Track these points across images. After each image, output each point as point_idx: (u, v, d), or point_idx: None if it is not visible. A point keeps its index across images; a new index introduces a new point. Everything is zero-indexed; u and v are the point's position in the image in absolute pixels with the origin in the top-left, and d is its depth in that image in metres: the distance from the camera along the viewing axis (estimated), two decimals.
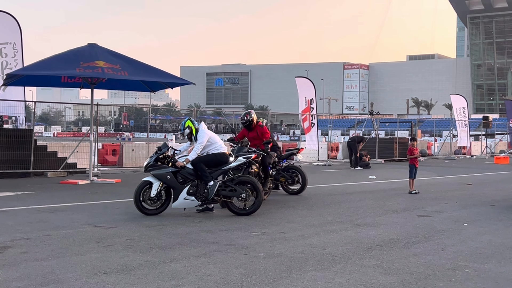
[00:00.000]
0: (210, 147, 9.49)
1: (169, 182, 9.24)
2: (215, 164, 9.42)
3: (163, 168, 9.28)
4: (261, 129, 11.22)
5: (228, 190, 9.42)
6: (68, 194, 12.23)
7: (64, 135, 78.41)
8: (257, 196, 9.41)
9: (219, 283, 5.34)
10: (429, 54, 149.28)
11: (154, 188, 9.23)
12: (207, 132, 9.54)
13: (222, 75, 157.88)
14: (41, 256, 6.30)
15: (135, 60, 14.62)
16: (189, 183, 9.33)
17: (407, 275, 5.73)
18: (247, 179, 9.58)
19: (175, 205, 9.34)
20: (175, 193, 9.29)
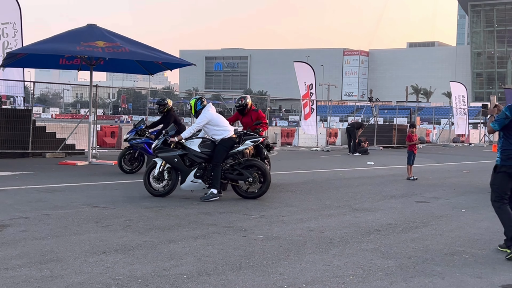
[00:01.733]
0: (214, 131, 9.38)
1: (176, 164, 9.23)
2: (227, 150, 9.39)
3: (171, 151, 9.25)
4: (256, 114, 11.15)
5: (236, 173, 9.40)
6: (66, 174, 12.23)
7: (62, 117, 78.31)
8: (264, 179, 9.41)
9: (217, 264, 5.35)
10: (429, 41, 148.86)
11: (156, 167, 9.29)
12: (208, 114, 9.42)
13: (222, 59, 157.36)
14: (40, 235, 6.31)
15: (135, 40, 14.54)
16: (196, 166, 9.29)
17: (405, 259, 5.75)
18: (255, 163, 9.56)
19: (183, 186, 9.33)
20: (183, 176, 9.28)
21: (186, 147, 9.34)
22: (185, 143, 9.34)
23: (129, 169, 12.59)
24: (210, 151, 9.33)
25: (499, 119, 6.15)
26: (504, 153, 6.12)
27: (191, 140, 9.39)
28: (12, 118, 15.68)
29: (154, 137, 12.23)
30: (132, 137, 12.45)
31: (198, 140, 9.38)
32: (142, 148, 12.45)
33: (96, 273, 4.92)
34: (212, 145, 9.38)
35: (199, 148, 9.32)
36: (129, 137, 12.49)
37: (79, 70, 15.79)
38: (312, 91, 24.37)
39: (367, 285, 4.81)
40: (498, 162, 6.19)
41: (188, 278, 4.87)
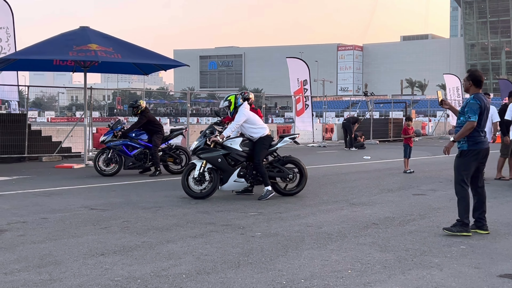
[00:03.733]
0: (251, 129, 9.35)
1: (220, 165, 9.12)
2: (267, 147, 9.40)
3: (214, 151, 9.14)
4: (254, 111, 11.15)
5: (276, 171, 9.45)
6: (63, 178, 12.22)
7: (58, 120, 78.24)
8: (301, 176, 9.51)
9: (216, 262, 5.36)
10: (423, 34, 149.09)
11: (196, 169, 9.14)
12: (246, 112, 9.38)
13: (216, 58, 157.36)
14: (38, 239, 6.31)
15: (128, 43, 14.53)
16: (239, 165, 9.25)
17: (403, 252, 5.78)
18: (292, 159, 9.64)
19: (224, 187, 9.26)
20: (225, 176, 9.17)
21: (227, 147, 9.22)
22: (225, 143, 9.23)
23: (108, 172, 12.46)
24: (249, 150, 9.31)
25: (474, 110, 6.42)
26: (471, 139, 6.49)
27: (232, 140, 9.28)
28: (7, 123, 15.65)
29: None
30: (110, 139, 12.43)
31: (239, 139, 9.31)
32: (120, 150, 12.43)
33: (95, 275, 4.92)
34: (250, 143, 9.35)
35: (241, 147, 9.26)
36: (107, 139, 12.45)
37: (74, 72, 15.77)
38: (306, 87, 24.36)
39: (366, 279, 4.83)
40: (465, 148, 6.52)
41: (187, 278, 4.88)
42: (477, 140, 6.51)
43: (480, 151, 6.54)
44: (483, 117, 6.52)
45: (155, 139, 12.58)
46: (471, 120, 6.41)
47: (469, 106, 6.47)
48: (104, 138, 12.53)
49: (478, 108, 6.42)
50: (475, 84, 6.63)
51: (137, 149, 12.56)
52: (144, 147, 12.61)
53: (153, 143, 12.57)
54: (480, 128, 6.54)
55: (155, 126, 12.84)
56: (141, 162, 12.60)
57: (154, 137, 12.61)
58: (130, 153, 12.47)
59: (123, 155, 12.47)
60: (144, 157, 12.61)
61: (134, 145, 12.54)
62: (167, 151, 12.99)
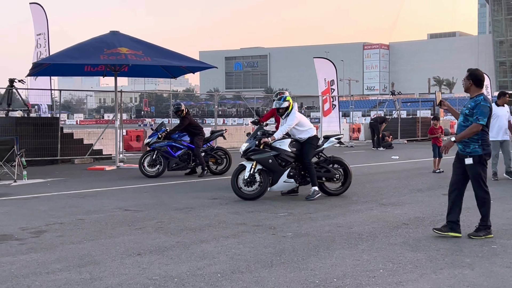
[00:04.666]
0: (300, 131, 9.49)
1: (271, 166, 9.23)
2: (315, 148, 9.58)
3: (265, 153, 9.25)
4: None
5: (323, 171, 9.62)
6: (96, 179, 12.49)
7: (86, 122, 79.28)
8: (346, 176, 9.69)
9: (249, 261, 5.49)
10: (450, 32, 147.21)
11: (246, 170, 9.25)
12: (298, 115, 9.55)
13: (241, 59, 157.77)
14: (76, 239, 6.52)
15: (156, 46, 14.79)
16: (289, 166, 9.38)
17: (434, 251, 5.82)
18: (337, 159, 9.83)
19: (274, 188, 9.39)
20: (275, 177, 9.29)
21: (276, 148, 9.33)
22: (274, 144, 9.34)
23: (152, 173, 12.73)
24: (297, 150, 9.45)
25: (485, 113, 6.26)
26: (484, 142, 6.37)
27: (281, 141, 9.39)
28: (40, 126, 16.04)
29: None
30: (154, 140, 12.72)
31: (288, 140, 9.43)
32: (165, 151, 12.69)
33: (133, 274, 5.09)
34: (298, 144, 9.49)
35: (289, 148, 9.40)
36: (151, 141, 12.77)
37: (104, 76, 16.10)
38: (333, 87, 24.36)
39: (397, 278, 4.90)
40: (479, 152, 6.34)
41: (222, 277, 5.01)
42: (489, 143, 6.45)
43: (489, 154, 6.45)
44: (489, 120, 6.41)
45: (197, 140, 12.87)
46: (480, 123, 6.24)
47: (479, 108, 6.28)
48: (149, 140, 12.84)
49: (489, 111, 6.30)
50: (476, 83, 6.44)
51: (181, 150, 12.85)
52: (187, 148, 12.91)
53: (195, 144, 12.85)
54: (488, 131, 6.46)
55: (196, 128, 13.13)
56: (184, 163, 12.90)
57: (195, 139, 12.90)
58: (174, 154, 12.76)
59: (167, 156, 12.73)
60: (187, 158, 12.91)
61: (178, 146, 12.84)
62: (209, 151, 13.28)
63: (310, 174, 9.36)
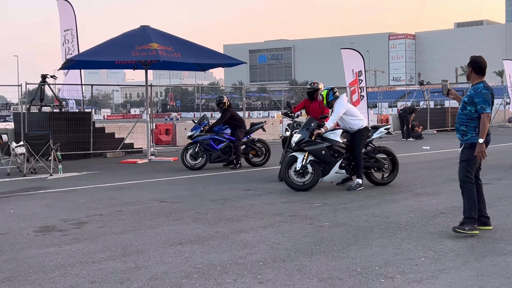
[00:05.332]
0: (351, 121, 9.50)
1: (324, 157, 9.27)
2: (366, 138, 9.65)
3: (318, 144, 9.29)
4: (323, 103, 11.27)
5: (373, 161, 9.69)
6: (129, 172, 12.67)
7: (113, 117, 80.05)
8: (394, 166, 9.77)
9: (290, 250, 5.54)
10: (477, 20, 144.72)
11: (298, 162, 9.28)
12: (345, 104, 9.58)
13: (265, 52, 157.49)
14: (117, 230, 6.65)
15: (186, 41, 14.91)
16: (341, 157, 9.44)
17: (474, 240, 5.81)
18: (385, 149, 9.94)
19: (325, 179, 9.43)
20: (327, 168, 9.32)
21: (328, 139, 9.36)
22: (325, 135, 9.38)
23: (194, 165, 12.83)
24: (348, 141, 9.50)
25: (487, 101, 5.99)
26: None
27: (333, 132, 9.44)
28: (72, 121, 16.29)
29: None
30: (197, 133, 12.85)
31: (339, 131, 9.49)
32: (208, 144, 12.82)
33: (177, 263, 5.19)
34: (348, 135, 9.54)
35: (341, 139, 9.46)
36: (194, 133, 12.89)
37: (135, 69, 16.27)
38: (361, 78, 24.22)
39: (440, 266, 4.91)
40: (476, 140, 6.11)
41: (264, 265, 5.08)
42: (488, 131, 6.16)
43: (488, 142, 6.24)
44: (491, 107, 6.15)
45: (238, 133, 12.98)
46: (487, 112, 5.99)
47: (481, 96, 6.00)
48: (192, 133, 12.95)
49: (491, 98, 6.02)
50: (476, 71, 6.14)
51: (223, 143, 12.98)
52: (228, 140, 13.03)
53: (236, 136, 12.96)
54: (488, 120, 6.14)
55: (237, 120, 13.25)
56: (226, 155, 13.02)
57: (237, 131, 13.01)
58: (216, 147, 12.90)
59: (209, 149, 12.87)
60: (229, 150, 13.03)
61: (220, 139, 12.96)
62: (249, 144, 13.38)
63: (357, 166, 9.37)
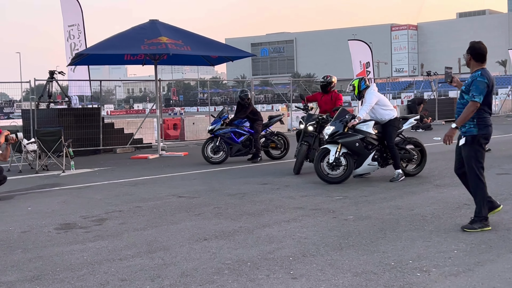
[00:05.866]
0: (381, 111, 9.42)
1: (358, 149, 9.17)
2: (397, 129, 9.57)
3: (352, 136, 9.20)
4: (336, 95, 11.22)
5: (403, 152, 9.65)
6: (142, 168, 12.60)
7: (117, 113, 79.95)
8: (422, 157, 9.78)
9: (318, 245, 5.47)
10: (479, 10, 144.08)
11: (331, 154, 9.18)
12: (376, 94, 9.47)
13: (267, 45, 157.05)
14: (139, 226, 6.58)
15: (195, 34, 14.81)
16: (374, 149, 9.36)
17: (504, 231, 5.72)
18: (414, 140, 9.92)
19: (358, 171, 9.33)
20: (360, 160, 9.22)
21: (361, 131, 9.27)
22: (358, 127, 9.26)
23: (216, 160, 12.76)
24: (379, 133, 9.43)
25: (480, 90, 5.66)
26: (481, 121, 5.77)
27: (365, 124, 9.33)
28: (82, 117, 16.21)
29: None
30: (218, 127, 12.79)
31: (372, 123, 9.39)
32: (229, 138, 12.77)
33: (205, 259, 5.12)
34: (379, 126, 9.44)
35: (373, 130, 9.37)
36: (216, 127, 12.81)
37: (143, 64, 16.18)
38: (368, 69, 24.08)
39: (475, 258, 4.83)
40: (474, 132, 5.77)
41: (294, 260, 5.00)
42: (488, 122, 5.80)
43: (490, 134, 5.86)
44: (490, 96, 5.80)
45: (256, 125, 12.94)
46: (475, 101, 5.63)
47: (476, 84, 5.68)
48: (213, 126, 12.90)
49: (486, 87, 5.67)
50: (475, 58, 5.81)
51: (244, 136, 12.93)
52: (249, 133, 12.98)
53: (254, 129, 12.91)
54: (488, 109, 5.83)
55: (255, 114, 13.19)
56: (247, 149, 12.97)
57: (255, 124, 12.97)
58: (237, 140, 12.85)
59: (230, 143, 12.81)
60: (249, 143, 12.98)
61: (241, 132, 12.92)
62: (269, 136, 13.34)
63: (393, 157, 9.31)
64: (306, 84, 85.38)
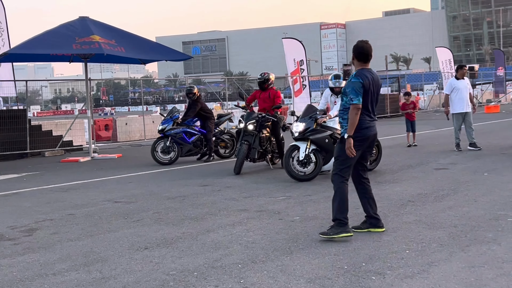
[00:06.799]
0: None
1: (327, 145, 9.05)
2: None
3: (322, 132, 9.08)
4: (274, 92, 11.03)
5: None
6: (73, 172, 11.99)
7: (44, 114, 77.17)
8: (378, 153, 9.97)
9: (267, 250, 5.23)
10: (404, 9, 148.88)
11: (301, 151, 9.02)
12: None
13: (199, 43, 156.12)
14: (73, 236, 6.13)
15: (129, 33, 14.29)
16: None
17: (452, 228, 5.68)
18: None
19: (326, 167, 9.15)
20: (328, 156, 9.01)
21: (329, 127, 9.17)
22: (326, 123, 9.16)
23: (166, 160, 12.34)
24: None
25: (355, 91, 5.40)
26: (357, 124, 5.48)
27: (333, 119, 9.24)
28: (7, 119, 15.31)
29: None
30: (170, 127, 12.34)
31: (337, 119, 9.20)
32: (181, 138, 12.37)
33: (147, 270, 4.77)
34: None
35: (338, 126, 9.19)
36: (167, 127, 12.34)
37: (71, 61, 15.43)
38: (302, 67, 24.18)
39: (427, 258, 4.72)
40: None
41: (244, 267, 4.74)
42: (363, 125, 5.49)
43: (365, 138, 5.55)
44: (369, 97, 5.49)
45: (208, 124, 12.60)
46: (354, 103, 5.39)
47: (350, 85, 5.46)
48: (163, 126, 12.38)
49: (361, 87, 5.41)
50: (358, 57, 5.55)
51: (195, 135, 12.56)
52: (200, 133, 12.62)
53: (207, 128, 12.57)
54: (366, 111, 5.52)
55: (207, 112, 12.84)
56: (198, 148, 12.61)
57: (207, 123, 12.62)
58: (188, 140, 12.46)
59: (181, 143, 12.39)
60: (200, 143, 12.62)
61: (192, 131, 12.53)
62: (219, 135, 13.02)
63: None
64: (240, 82, 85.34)
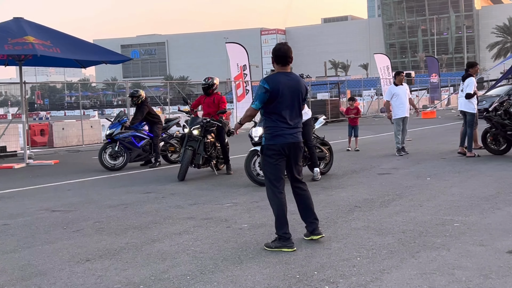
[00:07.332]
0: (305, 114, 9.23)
1: None
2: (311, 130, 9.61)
3: None
4: (219, 97, 10.85)
5: (319, 151, 9.78)
6: (7, 179, 11.42)
7: None
8: (331, 156, 10.14)
9: (216, 259, 5.06)
10: (342, 16, 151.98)
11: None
12: None
13: (138, 47, 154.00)
14: (8, 248, 5.77)
15: (66, 35, 13.76)
16: None
17: (400, 234, 5.68)
18: (323, 140, 10.14)
19: None
20: None
21: None
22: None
23: (114, 166, 11.95)
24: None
25: (258, 96, 5.29)
26: (268, 131, 5.36)
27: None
28: None
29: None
30: (119, 131, 11.93)
31: None
32: (129, 142, 12.00)
33: (90, 284, 4.51)
34: None
35: None
36: (115, 131, 11.92)
37: (6, 65, 14.76)
38: (245, 72, 24.11)
39: (379, 266, 4.68)
40: (263, 142, 5.42)
41: (192, 279, 4.55)
42: (276, 132, 5.30)
43: (281, 147, 5.29)
44: (282, 103, 5.27)
45: (155, 129, 12.27)
46: (252, 107, 5.41)
47: (256, 89, 5.42)
48: (111, 131, 11.97)
49: (264, 93, 5.22)
50: (276, 60, 5.39)
51: (144, 140, 12.21)
52: (149, 137, 12.28)
53: (154, 133, 12.24)
54: (280, 118, 5.30)
55: (154, 116, 12.49)
56: (146, 153, 12.26)
57: (155, 127, 12.29)
58: (138, 145, 12.09)
59: (130, 147, 12.00)
60: (149, 148, 12.28)
61: (141, 135, 12.16)
62: (167, 140, 12.70)
63: (312, 156, 9.40)
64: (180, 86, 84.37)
